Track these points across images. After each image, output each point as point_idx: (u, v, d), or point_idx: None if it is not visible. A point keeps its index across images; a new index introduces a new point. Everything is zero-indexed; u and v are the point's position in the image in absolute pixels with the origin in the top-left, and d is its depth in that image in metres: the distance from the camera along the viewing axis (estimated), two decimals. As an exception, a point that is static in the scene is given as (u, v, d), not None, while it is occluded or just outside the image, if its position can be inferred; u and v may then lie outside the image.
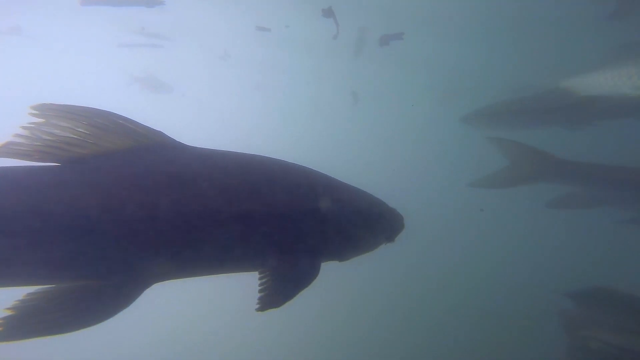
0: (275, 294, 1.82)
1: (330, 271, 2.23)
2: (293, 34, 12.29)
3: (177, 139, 1.89)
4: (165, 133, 1.86)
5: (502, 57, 11.88)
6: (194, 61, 17.64)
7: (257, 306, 1.81)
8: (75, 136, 1.70)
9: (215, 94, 23.41)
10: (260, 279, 1.88)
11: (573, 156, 5.07)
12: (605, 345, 4.12)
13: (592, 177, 5.15)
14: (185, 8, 11.53)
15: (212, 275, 1.95)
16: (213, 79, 20.67)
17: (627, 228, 5.38)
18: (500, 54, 11.64)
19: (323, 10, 8.95)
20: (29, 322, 1.57)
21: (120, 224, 1.63)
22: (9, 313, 1.57)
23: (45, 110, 1.66)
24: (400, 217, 2.28)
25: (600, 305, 4.43)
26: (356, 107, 17.48)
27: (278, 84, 20.18)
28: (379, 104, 19.21)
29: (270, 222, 1.86)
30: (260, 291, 1.84)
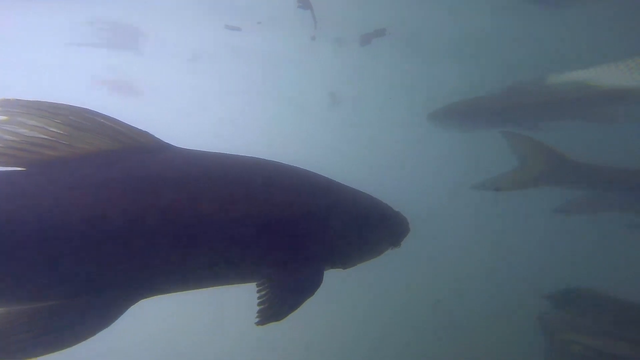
0: (276, 306, 1.69)
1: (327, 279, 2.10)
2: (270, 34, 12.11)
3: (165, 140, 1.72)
4: (152, 133, 1.67)
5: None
6: (163, 63, 17.16)
7: (257, 320, 1.67)
8: (46, 136, 1.50)
9: (185, 97, 22.88)
10: (258, 290, 1.74)
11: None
12: (585, 349, 4.14)
13: (606, 180, 4.98)
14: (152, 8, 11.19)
15: (206, 289, 1.81)
16: (183, 81, 20.18)
17: (630, 233, 5.30)
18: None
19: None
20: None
21: (100, 236, 1.46)
22: None
23: (9, 106, 1.47)
24: (405, 221, 2.19)
25: (578, 308, 4.44)
26: (336, 108, 17.28)
27: (254, 83, 19.89)
28: (361, 105, 19.09)
29: (268, 228, 1.74)
30: (259, 303, 1.70)
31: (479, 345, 6.01)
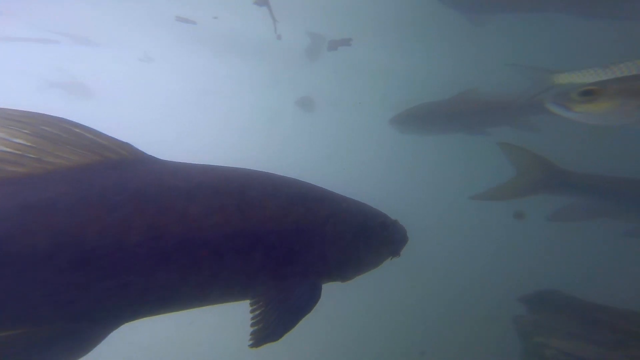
0: (272, 326, 1.59)
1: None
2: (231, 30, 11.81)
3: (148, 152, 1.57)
4: (134, 145, 1.52)
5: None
6: (114, 64, 16.46)
7: (251, 342, 1.57)
8: (11, 150, 1.32)
9: (138, 98, 22.04)
10: (252, 309, 1.64)
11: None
12: (559, 352, 4.19)
13: (598, 189, 5.08)
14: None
15: (194, 309, 1.69)
16: (136, 82, 19.44)
17: (627, 240, 5.42)
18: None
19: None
20: None
21: (74, 259, 1.32)
22: None
23: None
24: (403, 230, 2.12)
25: (551, 311, 4.52)
26: (309, 114, 16.95)
27: (213, 87, 19.34)
28: (334, 111, 18.85)
29: (263, 242, 1.64)
30: (253, 324, 1.60)
31: (459, 346, 6.04)
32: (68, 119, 1.34)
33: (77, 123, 1.36)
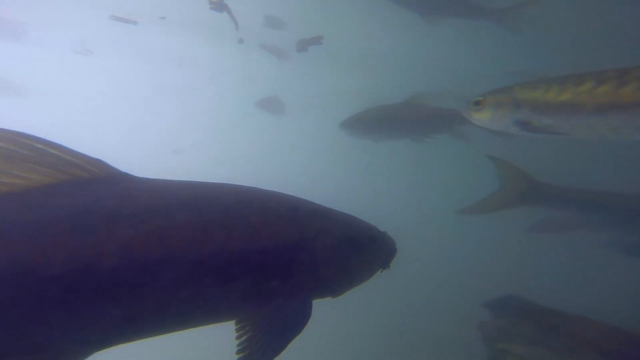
0: (260, 350, 1.51)
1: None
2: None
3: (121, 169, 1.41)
4: (106, 161, 1.38)
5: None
6: (45, 57, 15.18)
7: None
8: None
9: (74, 96, 20.48)
10: (238, 333, 1.56)
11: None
12: (519, 358, 4.26)
13: (575, 201, 5.27)
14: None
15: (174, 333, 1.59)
16: (73, 78, 18.09)
17: (604, 251, 5.60)
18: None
19: (212, 2, 8.12)
20: None
21: (36, 287, 1.22)
22: None
23: None
24: (392, 241, 2.11)
25: (515, 316, 4.59)
26: (276, 117, 16.28)
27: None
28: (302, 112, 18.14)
29: (247, 261, 1.57)
30: (239, 350, 1.52)
31: (427, 354, 6.05)
32: (27, 133, 1.14)
33: (39, 138, 1.22)
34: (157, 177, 1.66)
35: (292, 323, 1.60)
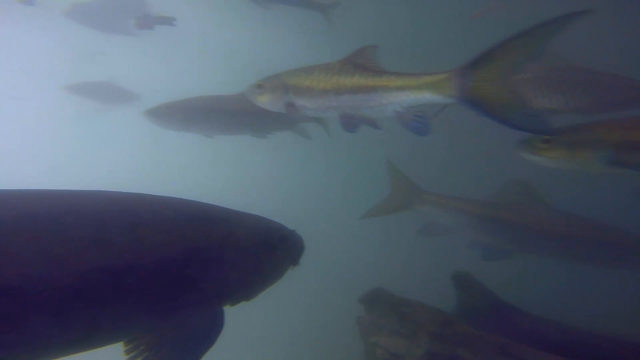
0: None
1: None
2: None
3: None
4: None
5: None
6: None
7: None
8: None
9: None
10: (128, 352, 1.48)
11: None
12: (385, 351, 4.49)
13: (448, 210, 5.68)
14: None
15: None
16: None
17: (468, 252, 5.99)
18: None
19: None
20: None
21: None
22: None
23: None
24: (300, 239, 2.14)
25: (382, 309, 4.82)
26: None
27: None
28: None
29: (148, 273, 1.49)
30: None
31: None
32: None
33: None
34: None
35: (202, 336, 1.52)
